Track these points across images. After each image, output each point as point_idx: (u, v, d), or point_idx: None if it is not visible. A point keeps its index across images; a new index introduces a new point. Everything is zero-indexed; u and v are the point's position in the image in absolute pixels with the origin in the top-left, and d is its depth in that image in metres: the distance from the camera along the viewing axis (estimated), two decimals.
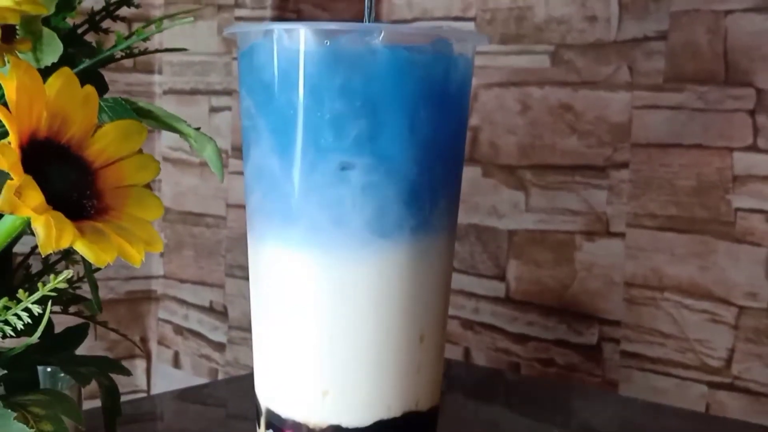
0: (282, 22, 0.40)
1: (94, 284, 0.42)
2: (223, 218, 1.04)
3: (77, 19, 0.41)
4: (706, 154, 0.73)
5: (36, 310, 0.35)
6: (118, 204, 0.35)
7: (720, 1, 0.72)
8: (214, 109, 1.05)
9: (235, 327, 1.03)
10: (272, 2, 0.96)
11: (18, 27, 0.36)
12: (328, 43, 0.38)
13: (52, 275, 0.35)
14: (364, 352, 0.39)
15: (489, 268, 0.87)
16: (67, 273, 0.35)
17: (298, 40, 0.38)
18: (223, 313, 1.04)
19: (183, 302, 1.11)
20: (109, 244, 0.33)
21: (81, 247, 0.32)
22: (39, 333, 0.35)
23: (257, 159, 0.41)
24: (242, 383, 0.83)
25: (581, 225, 0.81)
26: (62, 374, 0.45)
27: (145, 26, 0.40)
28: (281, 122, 0.39)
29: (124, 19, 0.44)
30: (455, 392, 0.73)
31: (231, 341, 1.03)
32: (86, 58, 0.41)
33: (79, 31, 0.42)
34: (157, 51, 0.43)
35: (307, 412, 0.40)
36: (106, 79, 0.42)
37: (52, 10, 0.36)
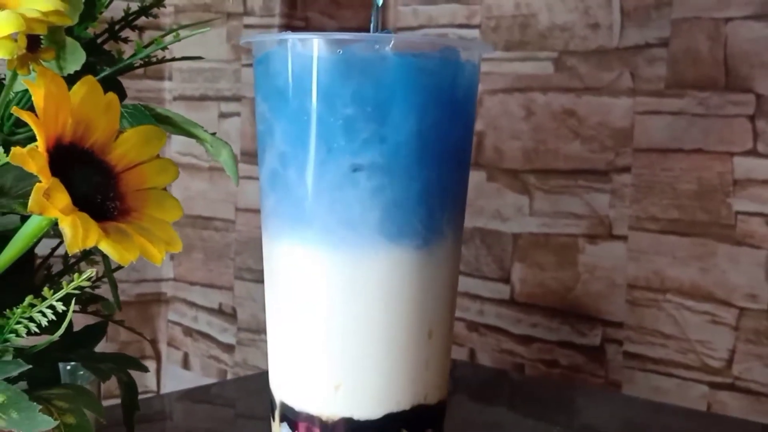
0: (295, 31, 0.41)
1: (114, 283, 0.43)
2: (232, 222, 1.05)
3: (97, 29, 0.43)
4: (706, 159, 0.74)
5: (60, 307, 0.36)
6: (139, 206, 0.36)
7: (720, 9, 0.73)
8: (223, 115, 1.05)
9: (243, 329, 1.03)
10: (281, 10, 0.97)
11: (42, 37, 0.37)
12: (341, 51, 0.39)
13: (75, 274, 0.36)
14: (375, 347, 0.41)
15: (494, 270, 0.87)
16: (91, 272, 0.36)
17: (312, 48, 0.40)
18: (232, 315, 1.05)
19: (193, 304, 1.11)
20: (132, 243, 0.34)
21: (105, 247, 0.33)
22: (63, 329, 0.36)
23: (272, 162, 0.42)
24: (249, 383, 0.84)
25: (584, 228, 0.81)
26: (81, 372, 0.46)
27: (163, 35, 0.41)
28: (295, 126, 0.41)
29: (142, 29, 0.45)
30: (461, 391, 0.74)
31: (240, 343, 1.04)
32: (106, 67, 0.42)
33: (99, 40, 0.44)
34: (174, 59, 0.44)
35: (320, 406, 0.41)
36: None
37: (76, 20, 0.37)
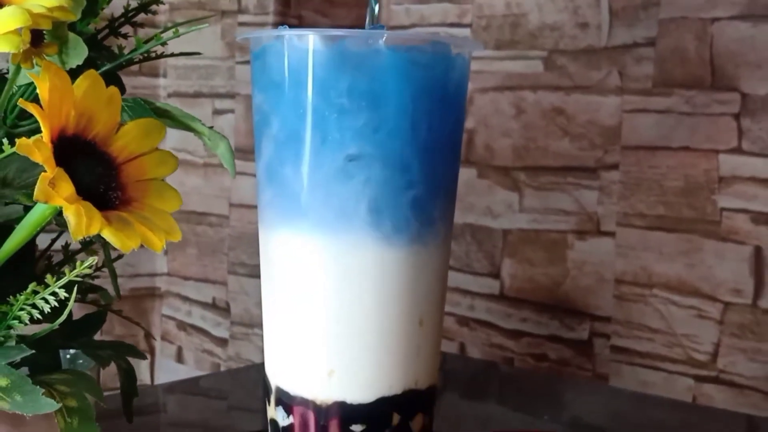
0: (292, 28, 0.42)
1: (114, 273, 0.44)
2: (226, 217, 1.05)
3: (97, 25, 0.44)
4: (693, 156, 0.75)
5: (62, 294, 0.37)
6: (140, 196, 0.38)
7: (707, 9, 0.74)
8: (217, 112, 1.06)
9: (237, 323, 1.04)
10: (274, 8, 0.98)
11: (45, 32, 0.38)
12: (336, 44, 0.40)
13: (78, 262, 0.37)
14: (368, 334, 0.42)
15: (484, 266, 0.88)
16: (92, 259, 0.37)
17: (308, 42, 0.41)
18: (225, 310, 1.05)
19: (186, 299, 1.12)
20: (134, 231, 0.35)
21: (108, 234, 0.34)
22: (66, 314, 0.37)
23: (268, 154, 0.43)
24: (240, 375, 0.85)
25: (573, 224, 0.82)
26: (81, 360, 0.48)
27: (162, 32, 0.42)
28: (291, 118, 0.42)
29: (141, 26, 0.46)
30: (451, 383, 0.75)
31: (233, 336, 1.05)
32: (106, 62, 0.43)
33: (99, 36, 0.45)
34: (173, 55, 0.45)
35: (315, 390, 0.43)
36: None
37: (78, 16, 0.39)
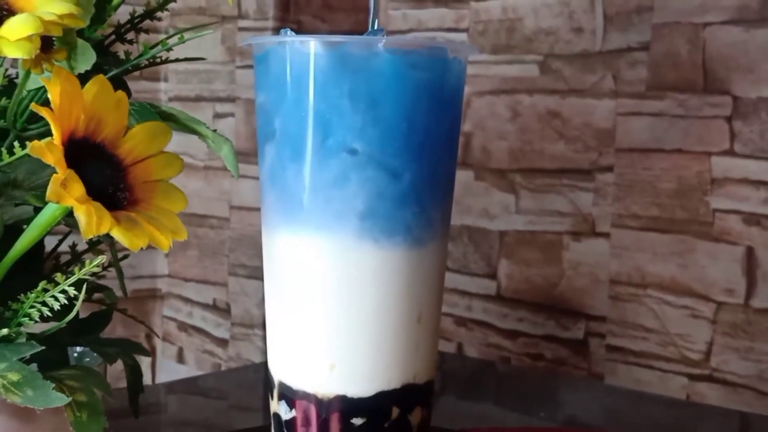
0: (294, 33, 0.44)
1: (120, 272, 0.45)
2: (226, 219, 1.06)
3: (104, 31, 0.45)
4: (686, 159, 0.76)
5: (72, 292, 0.38)
6: (147, 197, 0.39)
7: (699, 14, 0.75)
8: (218, 115, 1.07)
9: (237, 324, 1.05)
10: (274, 14, 0.99)
11: (55, 38, 0.39)
12: (336, 49, 0.42)
13: (87, 260, 0.38)
14: (368, 330, 0.43)
15: (481, 267, 0.89)
16: (101, 258, 0.38)
17: (309, 47, 0.42)
18: (226, 311, 1.06)
19: (187, 300, 1.13)
20: (142, 231, 0.37)
21: (117, 233, 0.35)
22: (75, 311, 0.38)
23: (271, 156, 0.45)
24: (241, 374, 0.86)
25: (568, 226, 0.83)
26: (88, 358, 0.49)
27: (168, 38, 0.43)
28: (293, 120, 0.43)
29: (146, 32, 0.47)
30: (449, 382, 0.76)
31: (234, 337, 1.05)
32: (113, 67, 0.44)
33: (106, 42, 0.46)
34: (178, 60, 0.46)
35: (316, 384, 0.44)
36: None
37: (87, 23, 0.40)
